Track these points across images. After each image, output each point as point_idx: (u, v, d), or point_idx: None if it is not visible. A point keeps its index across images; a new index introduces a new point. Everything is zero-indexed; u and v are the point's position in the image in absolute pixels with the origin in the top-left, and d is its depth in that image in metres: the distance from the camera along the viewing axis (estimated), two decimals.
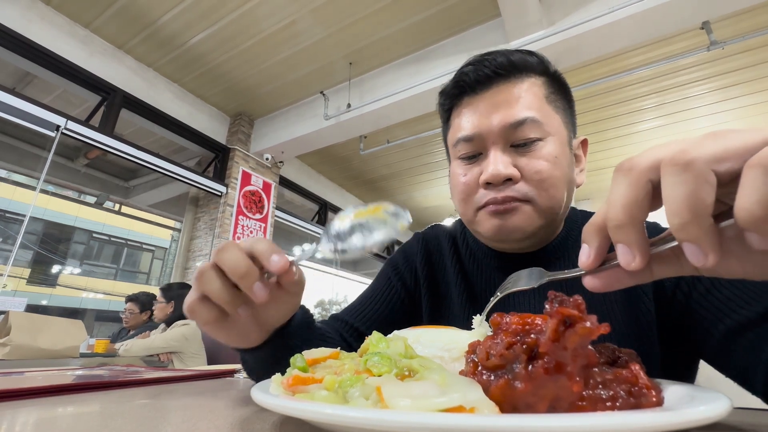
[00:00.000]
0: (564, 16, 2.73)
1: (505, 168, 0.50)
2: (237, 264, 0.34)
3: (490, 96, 0.54)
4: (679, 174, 0.21)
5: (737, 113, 3.96)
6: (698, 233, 0.21)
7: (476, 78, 0.55)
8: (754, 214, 0.19)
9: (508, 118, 0.51)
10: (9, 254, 3.49)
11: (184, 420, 0.29)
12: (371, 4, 2.91)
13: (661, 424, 0.16)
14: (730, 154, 0.20)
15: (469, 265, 0.65)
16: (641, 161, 0.23)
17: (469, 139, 0.54)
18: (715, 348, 0.44)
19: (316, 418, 0.19)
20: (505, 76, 0.54)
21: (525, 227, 0.52)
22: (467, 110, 0.55)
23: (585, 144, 0.61)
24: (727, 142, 0.20)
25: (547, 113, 0.53)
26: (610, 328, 0.21)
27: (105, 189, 5.14)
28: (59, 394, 0.40)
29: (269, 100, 4.09)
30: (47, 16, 2.98)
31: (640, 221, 0.23)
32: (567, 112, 0.57)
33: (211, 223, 4.05)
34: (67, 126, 2.96)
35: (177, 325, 2.28)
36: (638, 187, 0.22)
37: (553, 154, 0.51)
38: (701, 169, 0.20)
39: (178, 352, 2.22)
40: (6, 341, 1.55)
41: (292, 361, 0.29)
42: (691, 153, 0.21)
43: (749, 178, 0.19)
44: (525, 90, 0.53)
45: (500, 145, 0.52)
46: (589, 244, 0.26)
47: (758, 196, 0.19)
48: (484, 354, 0.24)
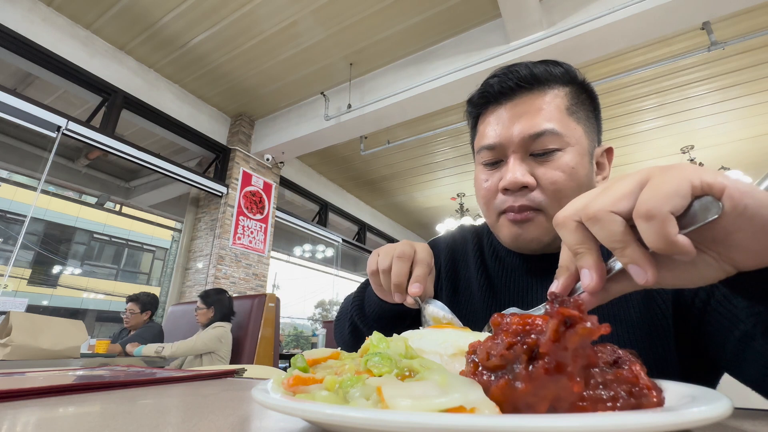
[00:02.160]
0: (564, 16, 2.73)
1: (522, 176, 0.53)
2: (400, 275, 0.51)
3: (513, 107, 0.56)
4: (592, 224, 0.28)
5: (737, 113, 3.96)
6: (634, 256, 0.27)
7: (500, 89, 0.58)
8: (659, 249, 0.25)
9: (528, 129, 0.54)
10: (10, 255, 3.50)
11: (185, 420, 0.29)
12: (372, 5, 2.92)
13: (661, 424, 0.16)
14: (617, 200, 0.27)
15: (491, 263, 0.67)
16: (565, 215, 0.31)
17: (491, 147, 0.57)
18: (730, 356, 0.44)
19: (316, 418, 0.19)
20: (528, 88, 0.56)
21: (540, 238, 0.55)
22: (492, 119, 0.58)
23: (610, 152, 0.62)
24: (612, 192, 0.28)
25: (567, 124, 0.54)
26: (610, 329, 0.21)
27: (106, 189, 5.14)
28: (60, 395, 0.40)
29: (270, 100, 4.10)
30: (48, 17, 2.99)
31: (596, 249, 0.29)
32: (591, 121, 0.59)
33: (212, 223, 4.05)
34: (68, 127, 2.97)
35: (213, 327, 2.41)
36: (573, 232, 0.30)
37: (570, 165, 0.53)
38: (602, 216, 0.27)
39: (212, 353, 2.38)
40: (7, 342, 1.55)
41: (293, 361, 0.29)
42: (591, 207, 0.28)
43: (639, 228, 0.26)
44: (547, 102, 0.55)
45: (519, 154, 0.55)
46: (557, 278, 0.33)
47: (652, 239, 0.25)
48: (485, 354, 0.24)
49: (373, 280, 0.56)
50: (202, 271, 3.93)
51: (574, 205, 0.30)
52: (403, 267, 0.51)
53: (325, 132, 3.91)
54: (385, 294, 0.56)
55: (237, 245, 4.01)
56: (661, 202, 0.25)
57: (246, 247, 4.10)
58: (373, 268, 0.54)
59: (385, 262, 0.53)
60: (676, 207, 0.25)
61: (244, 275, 4.07)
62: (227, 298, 2.55)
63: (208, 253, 3.93)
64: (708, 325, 0.47)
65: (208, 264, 3.89)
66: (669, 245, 0.25)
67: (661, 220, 0.24)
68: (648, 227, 0.25)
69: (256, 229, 4.25)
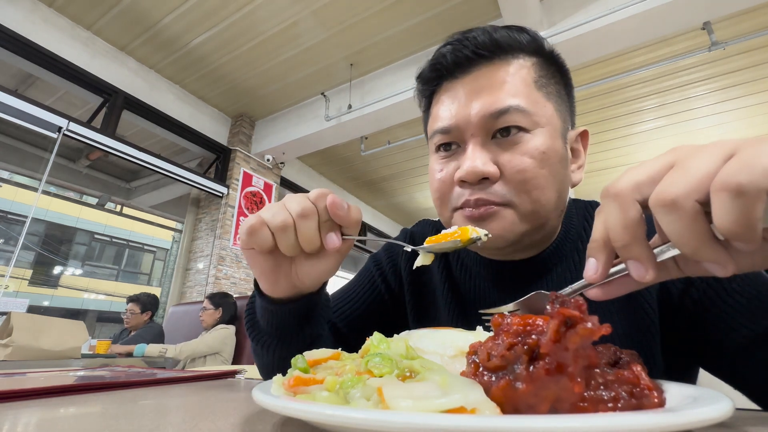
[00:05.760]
0: (565, 16, 2.73)
1: (483, 165, 0.44)
2: (308, 208, 0.38)
3: (470, 81, 0.47)
4: (668, 212, 0.23)
5: (738, 114, 3.96)
6: (717, 256, 0.23)
7: (454, 60, 0.48)
8: (734, 233, 0.21)
9: (488, 107, 0.44)
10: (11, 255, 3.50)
11: (185, 420, 0.29)
12: (372, 6, 2.92)
13: (662, 425, 0.16)
14: (701, 180, 0.22)
15: (457, 271, 0.58)
16: (624, 187, 0.25)
17: (445, 131, 0.47)
18: (729, 362, 0.40)
19: (317, 419, 0.19)
20: (488, 57, 0.47)
21: (505, 235, 0.45)
22: (445, 97, 0.49)
23: (585, 136, 0.52)
24: (694, 169, 0.23)
25: (535, 100, 0.45)
26: (611, 329, 0.21)
27: (106, 190, 5.15)
28: (61, 395, 0.40)
29: (270, 101, 4.10)
30: (50, 18, 3.00)
31: (643, 238, 0.25)
32: (562, 99, 0.49)
33: (212, 224, 4.05)
34: (69, 127, 2.97)
35: (218, 329, 2.45)
36: (631, 208, 0.25)
37: (540, 149, 0.44)
38: (686, 205, 0.22)
39: (217, 353, 2.40)
40: (8, 342, 1.55)
41: (293, 362, 0.29)
42: (671, 190, 0.23)
43: (718, 203, 0.21)
44: (511, 74, 0.46)
45: (479, 138, 0.45)
46: (597, 259, 0.28)
47: (731, 219, 0.21)
48: (486, 355, 0.24)
49: (256, 245, 0.39)
50: (202, 272, 3.93)
51: (635, 178, 0.25)
52: (313, 223, 0.39)
53: (325, 132, 3.91)
54: (276, 266, 0.42)
55: (238, 246, 4.01)
56: (758, 176, 0.20)
57: None
58: (257, 227, 0.38)
59: (280, 217, 0.38)
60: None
61: (245, 276, 4.07)
62: (233, 302, 2.58)
63: (208, 254, 3.93)
64: (700, 327, 0.43)
65: (208, 264, 3.89)
66: (748, 230, 0.21)
67: (754, 198, 0.20)
68: (732, 205, 0.20)
69: None
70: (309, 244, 0.39)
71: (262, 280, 0.43)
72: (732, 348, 0.40)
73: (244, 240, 0.39)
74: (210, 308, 2.52)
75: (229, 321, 2.52)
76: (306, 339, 0.48)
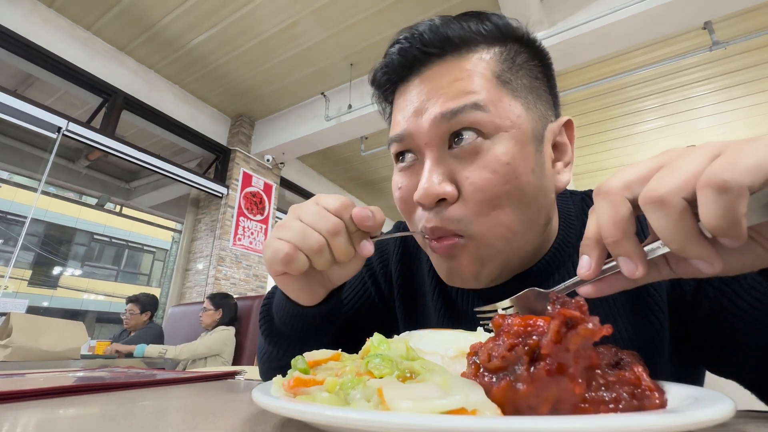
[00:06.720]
0: (565, 16, 2.73)
1: (438, 184, 0.38)
2: (335, 224, 0.37)
3: (421, 82, 0.42)
4: (655, 209, 0.24)
5: (739, 113, 3.96)
6: (704, 252, 0.24)
7: (401, 62, 0.43)
8: (718, 229, 0.22)
9: (438, 108, 0.39)
10: (10, 256, 3.50)
11: (185, 421, 0.29)
12: (372, 6, 2.92)
13: (663, 426, 0.16)
14: (688, 180, 0.23)
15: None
16: (614, 186, 0.26)
17: (399, 138, 0.42)
18: (743, 360, 0.38)
19: (317, 420, 0.19)
20: (439, 54, 0.41)
21: (476, 271, 0.40)
22: (401, 101, 0.44)
23: (570, 127, 0.45)
24: (683, 169, 0.23)
25: (497, 98, 0.39)
26: (612, 329, 0.21)
27: (106, 190, 5.15)
28: (60, 396, 0.40)
29: (270, 101, 4.10)
30: (49, 18, 3.00)
31: (632, 235, 0.26)
32: (539, 92, 0.43)
33: (212, 224, 4.05)
34: (69, 128, 2.97)
35: (218, 330, 2.45)
36: (621, 206, 0.26)
37: (502, 160, 0.37)
38: (673, 202, 0.23)
39: (217, 355, 2.40)
40: (7, 343, 1.55)
41: (293, 362, 0.29)
42: (659, 187, 0.24)
43: (704, 200, 0.22)
44: (467, 70, 0.40)
45: (435, 149, 0.40)
46: (589, 256, 0.28)
47: (715, 215, 0.21)
48: (486, 356, 0.24)
49: (287, 271, 0.37)
50: (202, 272, 3.93)
51: (626, 178, 0.26)
52: (345, 240, 0.38)
53: (325, 132, 3.91)
54: (308, 285, 0.41)
55: (237, 246, 4.01)
56: (741, 174, 0.20)
57: (246, 248, 4.10)
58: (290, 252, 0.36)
59: (312, 239, 0.36)
60: (755, 183, 0.21)
61: (245, 276, 4.07)
62: (234, 303, 2.57)
63: (208, 254, 3.93)
64: (717, 327, 0.40)
65: (208, 265, 3.89)
66: (733, 226, 0.21)
67: (737, 194, 0.21)
68: (717, 201, 0.21)
69: (256, 230, 4.25)
70: (345, 256, 0.38)
71: (301, 298, 0.42)
72: (750, 345, 0.37)
73: (278, 269, 0.37)
74: (210, 309, 2.51)
75: (229, 322, 2.51)
76: (329, 337, 0.49)
